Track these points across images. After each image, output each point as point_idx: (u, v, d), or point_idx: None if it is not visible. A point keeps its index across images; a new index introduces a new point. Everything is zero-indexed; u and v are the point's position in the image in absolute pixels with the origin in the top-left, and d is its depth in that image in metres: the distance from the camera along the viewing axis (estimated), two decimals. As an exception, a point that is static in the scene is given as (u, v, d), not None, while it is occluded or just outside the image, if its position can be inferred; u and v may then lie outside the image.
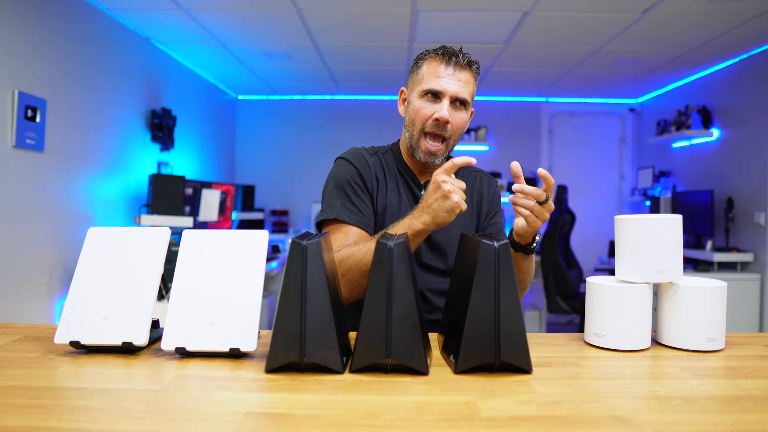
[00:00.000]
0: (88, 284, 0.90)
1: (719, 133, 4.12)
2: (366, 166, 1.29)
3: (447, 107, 1.19)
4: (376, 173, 1.30)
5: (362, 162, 1.29)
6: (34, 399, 0.67)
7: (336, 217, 1.22)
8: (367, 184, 1.28)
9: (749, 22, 3.17)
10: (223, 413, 0.63)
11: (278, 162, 5.51)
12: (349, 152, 1.33)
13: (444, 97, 1.20)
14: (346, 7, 3.08)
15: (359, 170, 1.28)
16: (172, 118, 3.90)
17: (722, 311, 0.94)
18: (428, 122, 1.21)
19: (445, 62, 1.21)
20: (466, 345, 0.77)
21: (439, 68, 1.21)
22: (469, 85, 1.23)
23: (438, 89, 1.20)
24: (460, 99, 1.21)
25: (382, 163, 1.32)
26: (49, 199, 2.71)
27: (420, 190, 1.31)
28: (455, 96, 1.20)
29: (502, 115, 5.47)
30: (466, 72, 1.22)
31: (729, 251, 3.79)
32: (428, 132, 1.22)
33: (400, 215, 1.25)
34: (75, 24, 2.88)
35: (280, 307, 0.77)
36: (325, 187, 1.30)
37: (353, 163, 1.29)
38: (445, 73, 1.20)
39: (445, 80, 1.20)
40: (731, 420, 0.63)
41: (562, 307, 4.01)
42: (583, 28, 3.33)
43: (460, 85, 1.20)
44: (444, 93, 1.20)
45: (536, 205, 1.06)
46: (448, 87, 1.19)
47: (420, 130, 1.23)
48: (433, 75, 1.21)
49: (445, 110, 1.19)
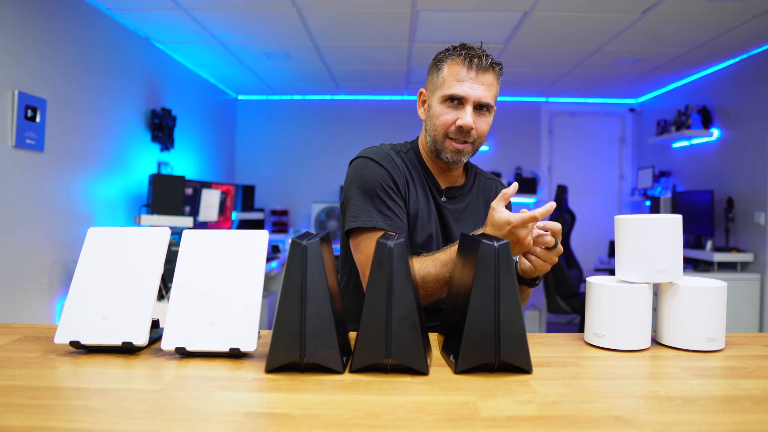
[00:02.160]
0: (88, 284, 0.90)
1: (719, 133, 4.12)
2: (395, 168, 1.20)
3: (470, 113, 1.14)
4: (405, 175, 1.22)
5: (391, 163, 1.20)
6: (34, 399, 0.67)
7: (375, 226, 1.13)
8: (399, 187, 1.19)
9: (749, 22, 3.17)
10: (223, 413, 0.63)
11: (278, 162, 5.51)
12: (372, 151, 1.22)
13: (467, 103, 1.14)
14: (346, 7, 3.08)
15: (390, 172, 1.19)
16: (172, 118, 3.90)
17: (722, 311, 0.94)
18: (451, 128, 1.16)
19: (467, 65, 1.14)
20: (466, 345, 0.77)
21: (461, 72, 1.14)
22: (493, 88, 1.17)
23: (461, 95, 1.14)
24: (484, 104, 1.15)
25: (407, 164, 1.25)
26: (49, 199, 2.71)
27: (440, 196, 1.26)
28: (478, 101, 1.14)
29: (502, 115, 5.47)
30: (489, 75, 1.15)
31: (729, 251, 3.79)
32: (452, 138, 1.17)
33: (429, 221, 1.22)
34: (75, 24, 2.88)
35: (280, 307, 0.77)
36: (348, 190, 1.20)
37: (381, 163, 1.19)
38: (468, 76, 1.14)
39: (467, 84, 1.14)
40: (731, 420, 0.63)
41: (562, 307, 4.01)
42: (583, 28, 3.33)
43: (483, 89, 1.14)
44: (467, 99, 1.14)
45: (545, 252, 1.03)
46: (471, 92, 1.14)
47: (443, 135, 1.18)
48: (455, 79, 1.15)
49: (468, 117, 1.14)
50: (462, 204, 1.29)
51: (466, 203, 1.30)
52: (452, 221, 1.26)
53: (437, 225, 1.25)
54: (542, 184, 5.43)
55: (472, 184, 1.33)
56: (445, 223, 1.26)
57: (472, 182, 1.33)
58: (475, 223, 1.27)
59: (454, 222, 1.26)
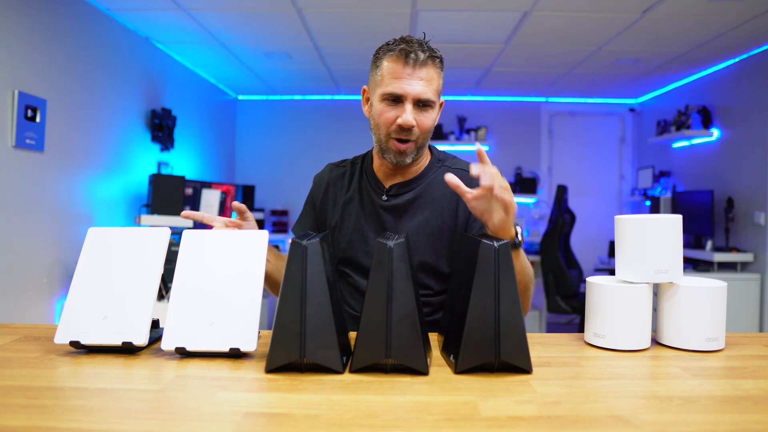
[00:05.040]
0: (88, 284, 0.90)
1: (719, 133, 4.12)
2: (319, 184, 1.35)
3: (410, 111, 1.10)
4: (328, 188, 1.32)
5: (319, 178, 1.36)
6: (34, 399, 0.67)
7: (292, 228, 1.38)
8: (315, 201, 1.35)
9: (749, 22, 3.17)
10: (223, 413, 0.63)
11: (278, 162, 5.51)
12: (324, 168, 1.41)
13: (407, 101, 1.10)
14: (346, 7, 3.08)
15: (313, 187, 1.36)
16: (172, 118, 3.90)
17: (722, 311, 0.94)
18: (392, 127, 1.13)
19: (404, 61, 1.10)
20: (466, 345, 0.77)
21: (398, 68, 1.10)
22: (434, 82, 1.12)
23: (399, 93, 1.10)
24: (424, 99, 1.11)
25: (346, 175, 1.31)
26: (49, 199, 2.71)
27: (382, 196, 1.24)
28: (418, 98, 1.10)
29: (502, 115, 5.47)
30: (428, 69, 1.11)
31: (729, 251, 3.79)
32: (394, 137, 1.15)
33: (358, 226, 1.24)
34: (75, 24, 2.88)
35: (280, 307, 0.77)
36: None
37: (314, 181, 1.37)
38: (405, 73, 1.10)
39: (405, 81, 1.10)
40: (731, 420, 0.63)
41: (562, 307, 4.01)
42: (583, 28, 3.33)
43: (422, 84, 1.10)
44: (406, 96, 1.10)
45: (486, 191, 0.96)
46: (409, 89, 1.10)
47: (386, 134, 1.15)
48: (392, 76, 1.11)
49: (408, 115, 1.10)
50: (407, 197, 1.23)
51: (414, 195, 1.23)
52: (393, 218, 1.23)
53: (368, 226, 1.24)
54: (542, 184, 5.43)
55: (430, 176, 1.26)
56: (381, 221, 1.23)
57: (431, 174, 1.26)
58: (425, 216, 1.22)
59: (398, 218, 1.23)
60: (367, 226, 1.24)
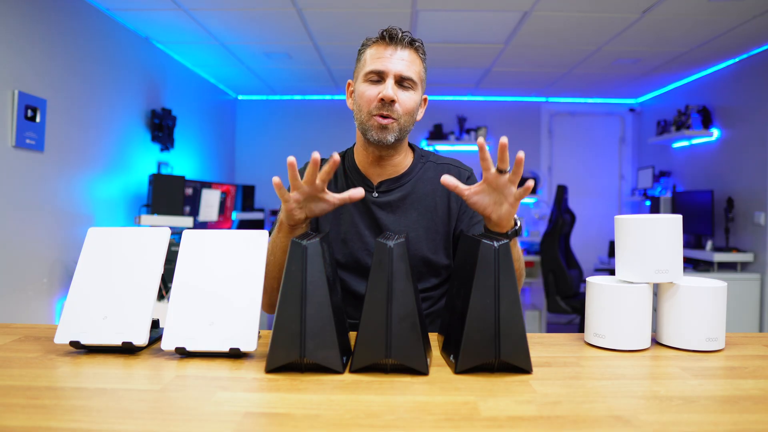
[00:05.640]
0: (88, 284, 0.90)
1: (719, 133, 4.12)
2: None
3: (392, 86, 1.14)
4: None
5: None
6: (34, 399, 0.67)
7: None
8: None
9: (749, 22, 3.17)
10: (223, 413, 0.63)
11: (278, 162, 5.48)
12: None
13: (388, 77, 1.15)
14: (346, 7, 3.08)
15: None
16: (172, 118, 3.90)
17: (722, 311, 0.94)
18: (374, 104, 1.15)
19: (386, 43, 1.17)
20: (466, 345, 0.77)
21: (380, 50, 1.17)
22: (415, 64, 1.18)
23: (381, 69, 1.15)
24: (405, 77, 1.16)
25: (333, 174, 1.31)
26: (49, 199, 2.71)
27: (372, 192, 1.25)
28: (399, 75, 1.15)
29: (502, 115, 5.47)
30: (409, 51, 1.17)
31: (729, 251, 3.79)
32: (375, 114, 1.16)
33: (353, 223, 1.24)
34: (75, 24, 2.88)
35: (280, 307, 0.77)
36: None
37: None
38: (386, 53, 1.16)
39: (387, 59, 1.15)
40: (731, 420, 0.63)
41: (562, 307, 4.01)
42: (583, 28, 3.33)
43: (404, 63, 1.16)
44: (387, 72, 1.15)
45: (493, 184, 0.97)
46: (391, 66, 1.15)
47: (368, 113, 1.17)
48: (374, 57, 1.17)
49: (389, 89, 1.14)
50: (399, 193, 1.25)
51: (406, 192, 1.25)
52: (385, 214, 1.24)
53: (362, 224, 1.25)
54: (542, 184, 5.43)
55: (417, 172, 1.28)
56: (375, 218, 1.24)
57: (418, 170, 1.27)
58: (420, 212, 1.24)
59: (389, 214, 1.24)
60: (361, 223, 1.25)
